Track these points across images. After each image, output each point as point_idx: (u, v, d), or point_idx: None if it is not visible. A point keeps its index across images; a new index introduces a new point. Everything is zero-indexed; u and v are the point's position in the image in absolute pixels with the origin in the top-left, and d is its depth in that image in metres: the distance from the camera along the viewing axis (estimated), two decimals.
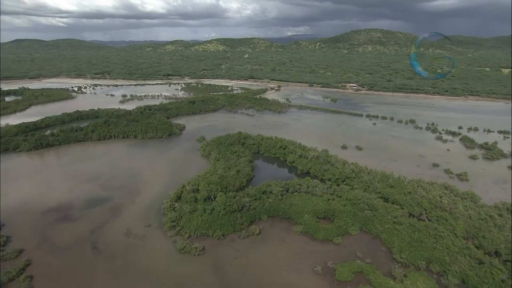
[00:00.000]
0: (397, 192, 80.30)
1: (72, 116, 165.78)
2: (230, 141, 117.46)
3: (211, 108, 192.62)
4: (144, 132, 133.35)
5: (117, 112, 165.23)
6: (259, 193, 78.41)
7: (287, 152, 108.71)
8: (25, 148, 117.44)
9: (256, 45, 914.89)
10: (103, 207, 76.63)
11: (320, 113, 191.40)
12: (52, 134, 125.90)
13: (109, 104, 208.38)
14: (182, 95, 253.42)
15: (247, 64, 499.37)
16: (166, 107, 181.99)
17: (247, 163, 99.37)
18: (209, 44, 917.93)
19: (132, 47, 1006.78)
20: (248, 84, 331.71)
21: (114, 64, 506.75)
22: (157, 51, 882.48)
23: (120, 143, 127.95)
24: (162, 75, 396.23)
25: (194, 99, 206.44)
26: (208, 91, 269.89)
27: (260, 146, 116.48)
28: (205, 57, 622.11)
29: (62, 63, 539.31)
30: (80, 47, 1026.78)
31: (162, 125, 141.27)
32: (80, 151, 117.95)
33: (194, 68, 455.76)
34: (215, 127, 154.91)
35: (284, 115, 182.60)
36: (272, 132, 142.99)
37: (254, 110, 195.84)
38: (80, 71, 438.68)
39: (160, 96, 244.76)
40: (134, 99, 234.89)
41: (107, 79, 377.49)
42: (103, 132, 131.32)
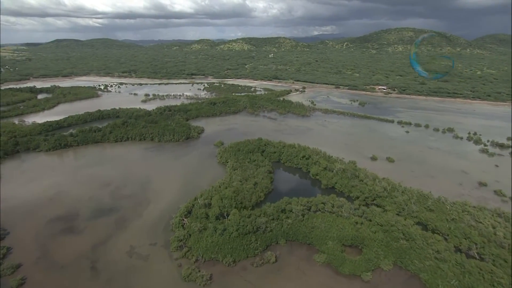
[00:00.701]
0: (438, 218, 68.84)
1: (94, 116, 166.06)
2: (249, 148, 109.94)
3: (232, 110, 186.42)
4: (161, 134, 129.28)
5: (137, 113, 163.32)
6: (278, 212, 70.19)
7: (311, 163, 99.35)
8: (44, 148, 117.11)
9: (281, 44, 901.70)
10: (109, 219, 71.92)
11: (347, 118, 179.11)
12: (71, 135, 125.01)
13: (131, 104, 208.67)
14: (204, 95, 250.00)
15: (271, 64, 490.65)
16: (186, 108, 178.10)
17: (266, 174, 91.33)
18: (235, 43, 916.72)
19: (159, 46, 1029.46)
20: (272, 85, 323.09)
21: (140, 63, 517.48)
22: (183, 50, 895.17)
23: (136, 145, 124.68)
24: (186, 74, 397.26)
25: (215, 100, 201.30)
26: (230, 92, 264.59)
27: (281, 154, 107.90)
28: (230, 57, 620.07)
29: (94, 61, 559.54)
30: (112, 46, 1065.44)
31: (180, 127, 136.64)
32: (96, 153, 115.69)
33: (218, 68, 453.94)
34: (235, 130, 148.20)
35: (308, 120, 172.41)
36: (295, 138, 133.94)
37: (277, 113, 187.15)
38: (109, 69, 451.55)
39: (182, 96, 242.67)
40: (156, 99, 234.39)
41: (133, 78, 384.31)
42: (121, 134, 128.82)
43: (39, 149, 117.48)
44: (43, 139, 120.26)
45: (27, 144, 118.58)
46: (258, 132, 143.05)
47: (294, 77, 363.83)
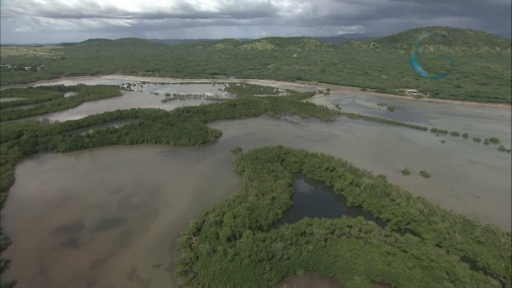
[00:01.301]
0: (490, 254, 57.73)
1: (113, 116, 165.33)
2: (268, 156, 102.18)
3: (253, 112, 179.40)
4: (177, 138, 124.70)
5: (155, 113, 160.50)
6: (296, 235, 62.06)
7: (335, 176, 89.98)
8: (61, 148, 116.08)
9: (305, 44, 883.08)
10: (114, 232, 67.08)
11: (375, 124, 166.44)
12: (88, 136, 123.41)
13: (151, 103, 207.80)
14: (224, 95, 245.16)
15: (295, 64, 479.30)
16: (205, 110, 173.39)
17: (286, 187, 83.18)
18: (258, 43, 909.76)
19: (184, 45, 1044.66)
20: (295, 86, 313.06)
21: (164, 62, 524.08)
22: (207, 49, 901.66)
23: (151, 148, 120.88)
24: (208, 74, 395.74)
25: (235, 101, 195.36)
26: (251, 93, 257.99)
27: (303, 165, 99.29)
28: (253, 56, 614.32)
29: (121, 60, 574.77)
30: (139, 45, 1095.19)
31: (197, 131, 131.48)
32: (110, 156, 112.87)
33: (240, 67, 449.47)
34: (254, 135, 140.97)
35: (332, 125, 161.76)
36: (318, 146, 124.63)
37: (299, 117, 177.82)
38: (134, 68, 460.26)
39: (202, 96, 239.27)
40: (176, 99, 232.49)
41: (156, 77, 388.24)
42: (136, 136, 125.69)
43: (56, 150, 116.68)
44: (61, 140, 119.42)
45: (46, 144, 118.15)
46: (279, 138, 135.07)
47: (318, 78, 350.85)
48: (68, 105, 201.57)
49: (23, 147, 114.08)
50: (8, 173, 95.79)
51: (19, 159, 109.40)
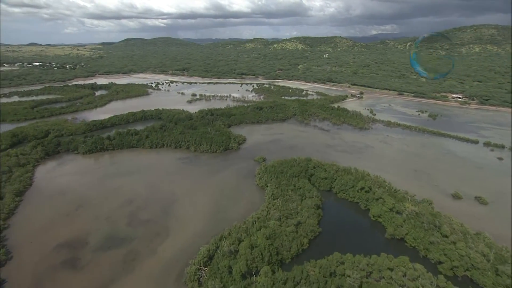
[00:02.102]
0: None
1: (137, 116, 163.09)
2: (295, 170, 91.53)
3: (280, 117, 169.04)
4: (198, 143, 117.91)
5: (178, 115, 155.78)
6: (325, 276, 51.42)
7: (371, 199, 77.55)
8: (82, 150, 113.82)
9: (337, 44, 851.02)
10: (119, 252, 60.52)
11: (415, 134, 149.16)
12: (108, 138, 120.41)
13: (176, 104, 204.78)
14: (251, 97, 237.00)
15: (326, 65, 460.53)
16: (229, 113, 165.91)
17: (313, 210, 72.28)
18: (288, 43, 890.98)
19: (215, 45, 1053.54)
20: (326, 89, 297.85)
21: (194, 61, 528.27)
22: (237, 48, 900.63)
23: (170, 154, 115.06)
24: (236, 74, 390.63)
25: (262, 104, 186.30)
26: (279, 95, 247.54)
27: (334, 182, 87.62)
28: (283, 56, 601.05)
29: (153, 59, 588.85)
30: (172, 44, 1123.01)
31: (219, 136, 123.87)
32: (128, 161, 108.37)
33: (269, 68, 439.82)
34: (280, 142, 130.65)
35: (367, 134, 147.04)
36: (351, 158, 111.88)
37: (330, 123, 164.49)
38: (165, 67, 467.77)
39: (229, 98, 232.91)
40: (202, 99, 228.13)
41: (185, 76, 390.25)
42: (156, 139, 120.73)
43: (77, 151, 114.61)
44: (82, 141, 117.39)
45: (68, 145, 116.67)
46: (307, 147, 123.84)
47: (351, 80, 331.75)
48: (96, 104, 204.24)
49: (46, 147, 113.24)
50: (27, 175, 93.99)
51: (41, 159, 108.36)
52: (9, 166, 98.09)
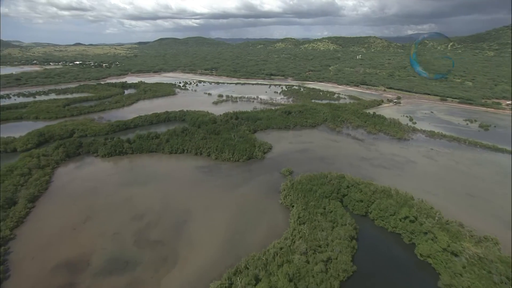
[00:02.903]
0: None
1: (160, 118, 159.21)
2: (325, 190, 79.92)
3: (309, 122, 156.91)
4: (220, 150, 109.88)
5: (202, 118, 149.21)
6: None
7: (418, 232, 64.29)
8: (101, 153, 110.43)
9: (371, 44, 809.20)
10: (119, 280, 53.37)
11: (465, 148, 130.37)
12: (128, 141, 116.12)
13: (202, 105, 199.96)
14: (280, 99, 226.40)
15: (359, 67, 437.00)
16: (256, 117, 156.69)
17: (347, 243, 60.72)
18: (320, 43, 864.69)
19: (245, 44, 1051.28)
20: (359, 92, 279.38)
21: (223, 61, 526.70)
22: (267, 48, 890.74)
23: (190, 161, 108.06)
24: (265, 74, 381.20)
25: (290, 108, 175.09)
26: (309, 98, 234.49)
27: (371, 205, 75.19)
28: (313, 57, 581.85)
29: (183, 58, 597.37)
30: (204, 44, 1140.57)
31: (243, 143, 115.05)
32: (145, 167, 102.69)
33: (299, 68, 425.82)
34: (309, 153, 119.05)
35: (407, 145, 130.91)
36: (389, 175, 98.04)
37: (365, 131, 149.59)
38: (194, 66, 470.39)
39: (256, 100, 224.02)
40: (228, 101, 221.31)
41: (213, 75, 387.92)
42: (177, 144, 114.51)
43: (96, 154, 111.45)
44: (102, 143, 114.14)
45: (89, 147, 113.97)
46: (339, 159, 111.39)
47: (386, 83, 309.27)
48: (124, 103, 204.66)
49: (67, 148, 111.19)
50: (44, 178, 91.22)
51: (61, 161, 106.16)
52: (30, 167, 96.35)
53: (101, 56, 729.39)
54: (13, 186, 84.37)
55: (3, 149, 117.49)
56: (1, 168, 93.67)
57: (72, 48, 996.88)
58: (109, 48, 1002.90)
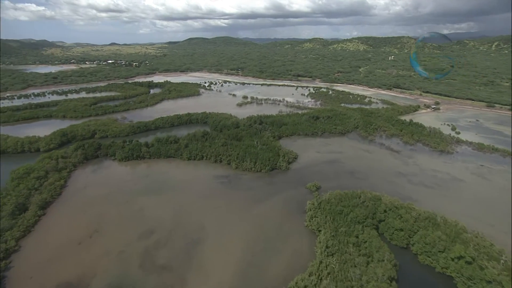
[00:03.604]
0: None
1: (182, 119, 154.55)
2: (358, 214, 68.99)
3: (339, 129, 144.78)
4: (241, 159, 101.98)
5: (224, 121, 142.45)
6: None
7: (478, 278, 51.99)
8: (119, 157, 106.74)
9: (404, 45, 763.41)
10: None
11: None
12: (146, 145, 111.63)
13: (226, 107, 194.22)
14: (307, 102, 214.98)
15: (391, 68, 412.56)
16: (281, 121, 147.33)
17: (385, 286, 50.02)
18: (349, 43, 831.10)
19: (273, 44, 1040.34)
20: (392, 96, 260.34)
21: (250, 61, 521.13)
22: (295, 48, 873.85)
23: (208, 169, 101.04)
24: (292, 75, 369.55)
25: (318, 113, 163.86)
26: (338, 101, 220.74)
27: (413, 236, 63.47)
28: (342, 57, 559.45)
29: (210, 58, 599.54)
30: (231, 44, 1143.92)
31: (266, 152, 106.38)
32: (161, 174, 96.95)
33: (327, 69, 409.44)
34: (338, 164, 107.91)
35: (451, 160, 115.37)
36: (433, 196, 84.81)
37: (401, 141, 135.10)
38: (220, 66, 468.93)
39: (282, 102, 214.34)
40: (253, 103, 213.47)
41: (239, 76, 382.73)
42: (196, 150, 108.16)
43: (114, 157, 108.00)
44: (121, 146, 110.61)
45: (107, 150, 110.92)
46: (372, 174, 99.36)
47: (422, 87, 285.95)
48: (148, 103, 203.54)
49: (86, 150, 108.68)
50: (59, 183, 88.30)
51: (79, 164, 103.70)
52: (47, 170, 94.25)
53: (133, 55, 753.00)
54: (27, 190, 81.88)
55: (27, 149, 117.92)
56: (20, 169, 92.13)
57: (107, 47, 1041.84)
58: (141, 47, 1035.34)
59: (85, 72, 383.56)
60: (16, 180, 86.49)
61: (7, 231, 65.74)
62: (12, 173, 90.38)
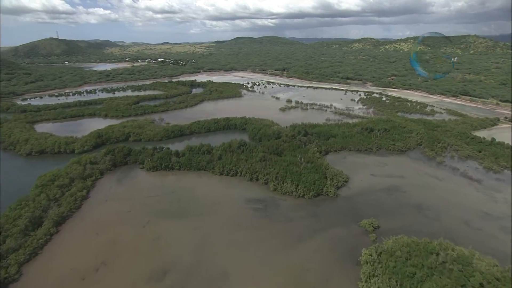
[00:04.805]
0: None
1: (219, 124, 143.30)
2: (439, 285, 49.18)
3: (398, 146, 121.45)
4: (280, 179, 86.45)
5: (265, 130, 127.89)
6: None
7: None
8: (147, 166, 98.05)
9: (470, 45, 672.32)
10: None
11: None
12: (177, 154, 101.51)
13: (268, 111, 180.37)
14: (358, 110, 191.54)
15: (455, 72, 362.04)
16: (329, 132, 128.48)
17: None
18: (403, 43, 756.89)
19: (320, 44, 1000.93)
20: (459, 105, 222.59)
21: (296, 61, 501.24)
22: (343, 49, 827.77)
23: (241, 189, 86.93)
24: (340, 78, 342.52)
25: (373, 124, 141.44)
26: (394, 109, 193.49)
27: None
28: (396, 59, 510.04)
29: (255, 57, 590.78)
30: (277, 43, 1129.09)
31: (311, 172, 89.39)
32: (187, 192, 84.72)
33: (380, 72, 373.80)
34: (400, 193, 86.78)
35: None
36: None
37: (480, 166, 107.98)
38: (265, 65, 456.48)
39: (329, 108, 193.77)
40: (298, 108, 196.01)
41: (283, 77, 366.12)
42: (230, 164, 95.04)
43: (142, 166, 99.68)
44: (150, 153, 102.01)
45: (137, 156, 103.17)
46: (447, 211, 76.96)
47: (499, 95, 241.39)
48: (187, 104, 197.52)
49: (116, 156, 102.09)
50: (81, 193, 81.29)
51: (106, 171, 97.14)
52: (73, 177, 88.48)
53: (181, 54, 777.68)
54: (47, 201, 75.67)
55: (63, 150, 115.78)
56: (47, 175, 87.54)
57: (160, 46, 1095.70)
58: (189, 46, 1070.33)
59: (134, 70, 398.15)
60: (39, 187, 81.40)
61: (13, 252, 58.62)
62: (39, 179, 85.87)
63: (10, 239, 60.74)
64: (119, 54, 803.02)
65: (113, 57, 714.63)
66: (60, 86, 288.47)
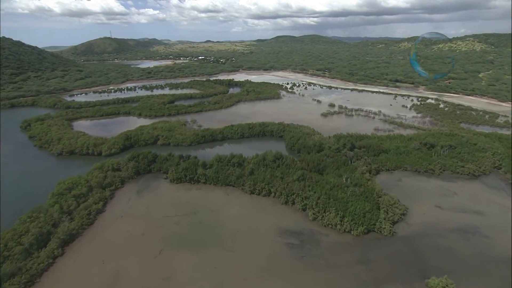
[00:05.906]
0: None
1: (254, 130, 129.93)
2: None
3: (468, 169, 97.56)
4: (322, 206, 70.79)
5: (304, 139, 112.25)
6: None
7: None
8: (171, 176, 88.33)
9: None
10: None
11: None
12: (204, 165, 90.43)
13: (308, 116, 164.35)
14: (411, 119, 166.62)
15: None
16: (379, 146, 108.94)
17: None
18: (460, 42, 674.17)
19: (364, 43, 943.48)
20: None
21: (338, 61, 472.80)
22: (390, 48, 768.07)
23: (275, 214, 72.59)
24: (388, 80, 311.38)
25: (434, 138, 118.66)
26: (456, 119, 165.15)
27: None
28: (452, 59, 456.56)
29: (296, 56, 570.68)
30: (319, 42, 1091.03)
31: (359, 200, 72.54)
32: (211, 214, 72.29)
33: None
34: (479, 239, 65.85)
35: None
36: None
37: None
38: (306, 65, 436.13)
39: (377, 115, 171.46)
40: (341, 113, 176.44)
41: (325, 78, 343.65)
42: (262, 182, 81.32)
43: (166, 176, 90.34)
44: (175, 163, 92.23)
45: (161, 164, 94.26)
46: None
47: None
48: (222, 105, 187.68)
49: (139, 163, 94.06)
50: (96, 206, 73.49)
51: (128, 179, 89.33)
52: (92, 186, 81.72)
53: (222, 52, 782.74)
54: (59, 213, 68.81)
55: (91, 151, 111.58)
56: (66, 182, 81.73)
57: (202, 44, 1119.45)
58: (230, 44, 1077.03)
59: (174, 68, 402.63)
60: (56, 196, 75.27)
61: (9, 279, 51.24)
62: (58, 186, 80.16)
63: (8, 263, 53.62)
64: (163, 51, 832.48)
65: (157, 54, 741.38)
66: (105, 82, 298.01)
